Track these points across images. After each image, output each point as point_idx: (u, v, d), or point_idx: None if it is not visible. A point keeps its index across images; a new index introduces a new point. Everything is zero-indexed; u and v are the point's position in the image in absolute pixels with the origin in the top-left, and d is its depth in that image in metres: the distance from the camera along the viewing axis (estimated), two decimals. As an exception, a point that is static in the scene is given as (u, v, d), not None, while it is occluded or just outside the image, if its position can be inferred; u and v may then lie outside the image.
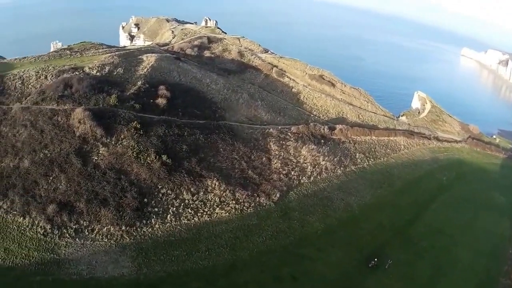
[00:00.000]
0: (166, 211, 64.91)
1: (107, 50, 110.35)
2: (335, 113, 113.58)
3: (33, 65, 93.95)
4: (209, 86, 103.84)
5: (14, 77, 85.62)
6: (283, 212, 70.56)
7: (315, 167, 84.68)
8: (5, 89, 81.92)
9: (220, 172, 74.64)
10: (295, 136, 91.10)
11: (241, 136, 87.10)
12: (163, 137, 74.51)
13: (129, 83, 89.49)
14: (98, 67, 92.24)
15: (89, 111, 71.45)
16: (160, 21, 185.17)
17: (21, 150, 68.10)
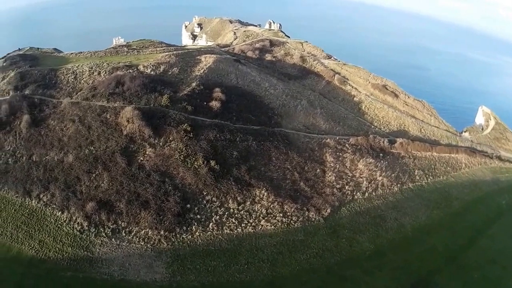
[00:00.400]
0: (208, 219, 68.06)
1: (165, 49, 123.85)
2: (397, 125, 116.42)
3: (88, 61, 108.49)
4: (267, 90, 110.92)
5: (67, 72, 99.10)
6: (332, 229, 72.41)
7: (371, 183, 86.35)
8: (57, 83, 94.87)
9: (270, 182, 77.83)
10: (353, 148, 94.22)
11: (296, 145, 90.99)
12: (214, 142, 79.66)
13: (183, 84, 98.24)
14: (153, 65, 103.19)
15: (138, 110, 79.04)
16: (223, 22, 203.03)
17: (66, 145, 76.61)
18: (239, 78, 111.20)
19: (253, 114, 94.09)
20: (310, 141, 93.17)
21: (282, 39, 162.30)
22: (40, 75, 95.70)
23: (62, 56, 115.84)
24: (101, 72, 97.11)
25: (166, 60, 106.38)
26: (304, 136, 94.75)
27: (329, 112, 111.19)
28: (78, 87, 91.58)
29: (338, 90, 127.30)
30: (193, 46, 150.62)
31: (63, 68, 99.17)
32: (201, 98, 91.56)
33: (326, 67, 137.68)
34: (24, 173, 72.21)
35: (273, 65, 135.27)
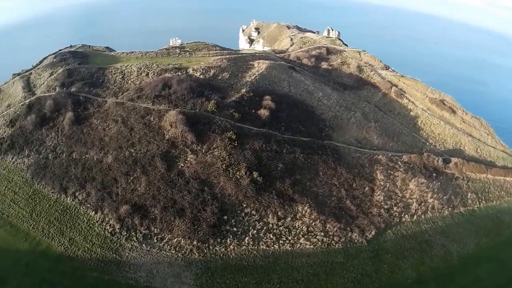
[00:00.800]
0: (245, 232, 72.92)
1: (218, 53, 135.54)
2: (452, 143, 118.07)
3: (138, 61, 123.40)
4: (320, 100, 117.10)
5: (115, 71, 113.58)
6: (374, 252, 74.74)
7: (421, 205, 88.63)
8: (105, 82, 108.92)
9: (314, 198, 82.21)
10: (405, 166, 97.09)
11: (346, 160, 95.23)
12: (259, 152, 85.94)
13: (232, 90, 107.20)
14: (203, 69, 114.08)
15: (183, 114, 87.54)
16: (281, 27, 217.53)
17: (107, 145, 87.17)
18: (291, 86, 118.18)
19: (303, 124, 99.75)
20: (361, 156, 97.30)
21: (339, 47, 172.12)
22: (88, 73, 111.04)
23: (113, 55, 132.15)
24: (149, 73, 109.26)
25: (217, 64, 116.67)
26: (355, 150, 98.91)
27: (384, 126, 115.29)
28: (125, 87, 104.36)
29: (394, 103, 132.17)
30: (247, 51, 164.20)
31: (111, 67, 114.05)
32: (249, 106, 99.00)
33: (383, 79, 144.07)
34: (63, 170, 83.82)
35: (328, 74, 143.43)
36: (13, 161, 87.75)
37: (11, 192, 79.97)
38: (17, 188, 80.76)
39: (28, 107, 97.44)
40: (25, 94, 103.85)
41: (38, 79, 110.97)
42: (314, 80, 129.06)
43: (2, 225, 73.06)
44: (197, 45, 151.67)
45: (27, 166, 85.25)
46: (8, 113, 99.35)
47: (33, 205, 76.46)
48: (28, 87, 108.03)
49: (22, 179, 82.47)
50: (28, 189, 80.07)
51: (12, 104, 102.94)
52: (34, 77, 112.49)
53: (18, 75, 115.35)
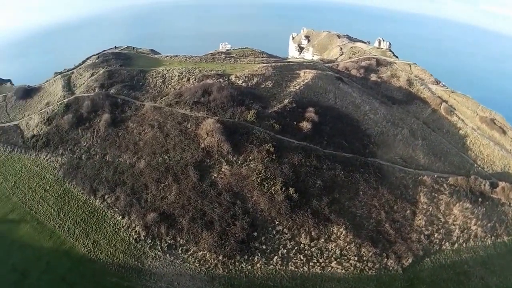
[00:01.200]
0: (274, 251, 74.76)
1: (264, 60, 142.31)
2: (501, 166, 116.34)
3: (181, 65, 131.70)
4: (366, 114, 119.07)
5: (156, 74, 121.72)
6: (409, 282, 74.58)
7: (464, 232, 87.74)
8: (144, 85, 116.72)
9: (352, 219, 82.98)
10: (450, 189, 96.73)
11: (389, 179, 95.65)
12: (297, 167, 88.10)
13: (274, 100, 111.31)
14: (245, 77, 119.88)
15: (221, 123, 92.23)
16: (331, 36, 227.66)
17: (141, 150, 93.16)
18: (337, 98, 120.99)
19: (346, 139, 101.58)
20: (405, 176, 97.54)
21: (390, 58, 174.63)
22: (128, 76, 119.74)
23: (157, 58, 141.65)
24: (190, 79, 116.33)
25: (262, 72, 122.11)
26: (400, 170, 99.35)
27: (431, 145, 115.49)
28: (165, 91, 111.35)
29: (443, 120, 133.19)
30: (294, 59, 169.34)
31: (153, 71, 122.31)
32: (291, 117, 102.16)
33: (433, 94, 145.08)
34: (94, 172, 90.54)
35: (377, 87, 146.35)
36: (47, 158, 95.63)
37: (41, 189, 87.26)
38: (48, 185, 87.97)
39: (66, 106, 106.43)
40: (64, 93, 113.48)
41: (79, 79, 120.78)
42: (362, 93, 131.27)
43: (30, 221, 79.74)
44: (244, 51, 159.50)
45: (59, 165, 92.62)
46: (46, 111, 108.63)
47: (62, 204, 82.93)
48: (68, 87, 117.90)
49: (53, 177, 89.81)
50: (59, 187, 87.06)
51: (51, 103, 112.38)
52: (75, 77, 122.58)
53: (60, 74, 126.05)
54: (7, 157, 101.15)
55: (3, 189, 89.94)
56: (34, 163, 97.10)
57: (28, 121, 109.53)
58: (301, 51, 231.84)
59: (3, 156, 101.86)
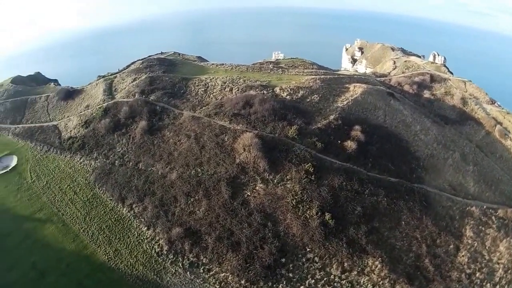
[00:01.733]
0: (301, 280, 73.06)
1: (314, 72, 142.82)
2: None
3: (226, 74, 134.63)
4: (417, 135, 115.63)
5: (199, 83, 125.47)
6: None
7: (507, 272, 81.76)
8: (186, 93, 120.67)
9: (389, 251, 79.67)
10: (499, 222, 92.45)
11: (435, 209, 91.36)
12: (337, 190, 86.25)
13: (319, 115, 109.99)
14: (291, 89, 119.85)
15: (259, 138, 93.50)
16: (385, 49, 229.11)
17: (174, 160, 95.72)
18: (387, 115, 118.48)
19: (393, 162, 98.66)
20: (452, 206, 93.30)
21: (444, 75, 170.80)
22: (170, 83, 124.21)
23: (202, 66, 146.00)
24: (233, 89, 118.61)
25: (309, 85, 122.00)
26: (447, 198, 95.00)
27: (482, 171, 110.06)
28: (205, 101, 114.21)
29: (497, 143, 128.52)
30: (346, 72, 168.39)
31: (196, 79, 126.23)
32: (335, 135, 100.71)
33: (488, 114, 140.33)
34: (125, 179, 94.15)
35: (430, 104, 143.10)
36: (81, 161, 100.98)
37: (71, 191, 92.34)
38: (78, 188, 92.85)
39: (105, 110, 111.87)
40: (104, 97, 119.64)
41: (121, 84, 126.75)
42: (414, 110, 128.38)
43: (56, 222, 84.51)
44: (294, 61, 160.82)
45: (92, 169, 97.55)
46: (85, 113, 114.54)
47: (89, 208, 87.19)
48: (109, 91, 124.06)
49: (84, 181, 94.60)
50: (88, 192, 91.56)
51: (90, 106, 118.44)
52: (117, 81, 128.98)
53: (103, 77, 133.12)
54: (43, 156, 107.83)
55: (35, 187, 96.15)
56: (68, 164, 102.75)
57: (67, 123, 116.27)
58: (354, 63, 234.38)
59: (39, 155, 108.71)
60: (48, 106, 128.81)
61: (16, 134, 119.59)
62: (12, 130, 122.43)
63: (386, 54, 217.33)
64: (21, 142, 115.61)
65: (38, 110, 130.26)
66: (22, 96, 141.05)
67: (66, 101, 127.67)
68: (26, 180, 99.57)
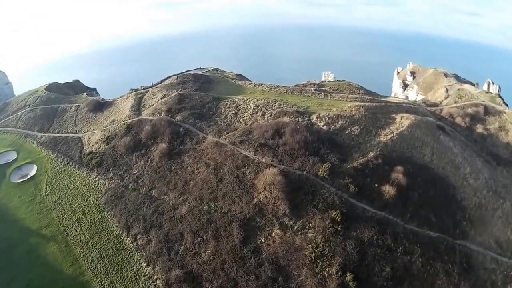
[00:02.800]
0: None
1: (359, 98, 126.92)
2: None
3: (262, 96, 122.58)
4: (466, 179, 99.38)
5: (230, 104, 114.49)
6: None
7: None
8: (215, 115, 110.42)
9: None
10: None
11: (476, 272, 75.77)
12: (365, 246, 72.21)
13: (357, 151, 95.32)
14: (329, 118, 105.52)
15: (284, 176, 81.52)
16: (437, 74, 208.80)
17: (188, 191, 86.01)
18: (435, 154, 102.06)
19: (436, 213, 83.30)
20: (496, 269, 78.23)
21: (499, 106, 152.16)
22: (199, 102, 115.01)
23: (239, 85, 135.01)
24: (265, 114, 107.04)
25: (350, 113, 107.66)
26: (492, 259, 79.54)
27: None
28: (234, 125, 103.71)
29: None
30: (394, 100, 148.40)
31: (228, 99, 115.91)
32: (373, 177, 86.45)
33: None
34: (135, 205, 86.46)
35: (482, 141, 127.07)
36: (96, 179, 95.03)
37: (81, 211, 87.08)
38: (88, 209, 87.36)
39: (128, 127, 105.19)
40: (131, 113, 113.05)
41: (151, 99, 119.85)
42: (465, 148, 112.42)
43: (59, 241, 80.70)
44: (340, 84, 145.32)
45: (105, 189, 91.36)
46: (109, 129, 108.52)
47: (94, 232, 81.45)
48: (137, 106, 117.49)
49: (95, 201, 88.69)
50: (97, 214, 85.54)
51: (116, 121, 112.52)
52: (147, 97, 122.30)
53: (135, 91, 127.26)
54: (62, 169, 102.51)
55: (47, 201, 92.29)
56: (83, 181, 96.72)
57: (90, 136, 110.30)
58: (405, 88, 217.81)
59: (58, 167, 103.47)
60: (77, 116, 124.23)
61: (41, 143, 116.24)
62: (38, 138, 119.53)
63: (438, 80, 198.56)
64: (44, 151, 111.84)
65: (66, 120, 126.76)
66: (54, 104, 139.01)
67: (95, 113, 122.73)
68: (40, 193, 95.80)
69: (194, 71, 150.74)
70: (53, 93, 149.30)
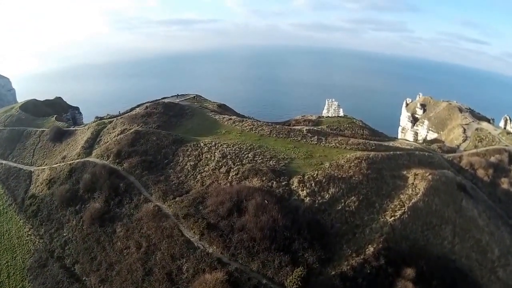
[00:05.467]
0: None
1: (361, 144, 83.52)
2: None
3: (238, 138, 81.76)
4: (494, 271, 59.99)
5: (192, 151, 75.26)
6: None
7: None
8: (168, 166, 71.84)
9: None
10: None
11: None
12: None
13: (350, 242, 53.84)
14: (316, 183, 62.90)
15: (228, 283, 45.02)
16: (451, 109, 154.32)
17: (110, 279, 53.19)
18: (457, 235, 60.54)
19: None
20: None
21: None
22: (156, 145, 76.30)
23: (215, 120, 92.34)
24: (231, 171, 67.05)
25: (347, 173, 65.53)
26: None
27: None
28: (188, 184, 65.03)
29: None
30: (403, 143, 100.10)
31: (191, 143, 76.67)
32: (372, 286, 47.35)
33: None
34: (53, 284, 55.63)
35: (508, 200, 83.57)
36: (29, 233, 64.92)
37: (5, 273, 59.87)
38: (13, 271, 59.85)
39: (70, 171, 71.81)
40: (81, 151, 79.24)
41: (109, 134, 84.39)
42: (489, 213, 71.42)
43: None
44: (340, 122, 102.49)
45: (34, 250, 60.91)
46: (57, 168, 75.14)
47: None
48: (92, 142, 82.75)
49: (21, 264, 60.41)
50: (19, 281, 57.87)
51: (66, 157, 78.87)
52: (107, 130, 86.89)
53: (97, 121, 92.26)
54: (3, 211, 73.36)
55: None
56: (18, 232, 66.88)
57: (40, 173, 78.67)
58: (414, 123, 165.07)
59: (1, 208, 75.37)
60: (38, 144, 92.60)
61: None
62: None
63: (452, 116, 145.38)
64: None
65: (27, 147, 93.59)
66: (22, 126, 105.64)
67: (55, 143, 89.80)
68: (-30, 242, 64.30)
69: (172, 98, 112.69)
70: (25, 113, 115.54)
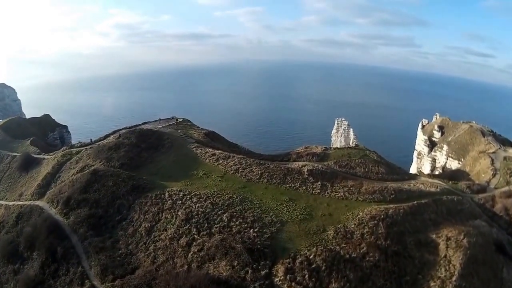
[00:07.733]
0: None
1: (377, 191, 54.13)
2: None
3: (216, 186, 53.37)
4: None
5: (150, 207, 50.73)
6: None
7: None
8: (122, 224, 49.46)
9: None
10: None
11: None
12: None
13: None
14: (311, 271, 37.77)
15: None
16: (473, 132, 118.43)
17: None
18: None
19: None
20: None
21: None
22: (110, 193, 52.41)
23: (196, 155, 65.25)
24: (192, 245, 42.55)
25: (358, 250, 40.05)
26: None
27: None
28: (136, 259, 42.62)
29: None
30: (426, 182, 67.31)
31: (154, 193, 52.30)
32: None
33: None
34: None
35: None
36: None
37: None
38: None
39: (17, 218, 52.17)
40: (35, 191, 59.07)
41: (69, 170, 63.02)
42: None
43: None
44: (350, 155, 69.08)
45: None
46: (10, 207, 56.45)
47: None
48: (50, 178, 62.16)
49: None
50: None
51: (23, 195, 59.49)
52: (70, 164, 65.41)
53: (70, 149, 71.38)
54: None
55: None
56: None
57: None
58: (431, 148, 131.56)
59: None
60: (6, 172, 73.37)
61: (-41, 204, 67.81)
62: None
63: (474, 140, 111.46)
64: (-45, 219, 64.25)
65: None
66: None
67: (21, 172, 69.84)
68: None
69: (155, 122, 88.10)
70: (5, 134, 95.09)
